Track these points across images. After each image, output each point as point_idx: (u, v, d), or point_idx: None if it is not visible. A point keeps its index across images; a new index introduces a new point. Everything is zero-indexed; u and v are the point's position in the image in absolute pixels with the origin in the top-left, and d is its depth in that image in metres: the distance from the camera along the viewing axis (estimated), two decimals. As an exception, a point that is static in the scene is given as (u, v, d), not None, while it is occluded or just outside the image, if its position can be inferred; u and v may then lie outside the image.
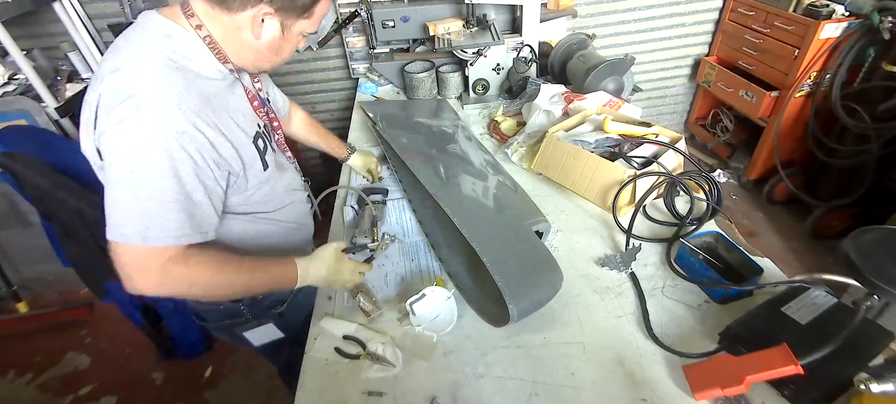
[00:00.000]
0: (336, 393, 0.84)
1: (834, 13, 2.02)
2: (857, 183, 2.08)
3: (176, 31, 0.75)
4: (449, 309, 0.96)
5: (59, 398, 1.90)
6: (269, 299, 1.02)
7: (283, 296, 1.04)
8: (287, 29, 0.80)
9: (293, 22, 0.80)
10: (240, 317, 1.01)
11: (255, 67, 0.86)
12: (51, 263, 1.86)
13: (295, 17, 0.80)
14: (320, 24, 0.88)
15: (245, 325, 1.03)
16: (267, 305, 1.02)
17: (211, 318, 1.03)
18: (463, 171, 1.28)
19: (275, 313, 1.04)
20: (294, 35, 0.83)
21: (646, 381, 0.82)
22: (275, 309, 1.04)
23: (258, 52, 0.82)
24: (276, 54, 0.84)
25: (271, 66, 0.87)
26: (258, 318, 1.02)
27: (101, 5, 2.19)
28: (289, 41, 0.83)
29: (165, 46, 0.73)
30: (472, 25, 1.92)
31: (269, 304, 1.02)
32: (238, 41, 0.79)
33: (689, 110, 3.04)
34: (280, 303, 1.04)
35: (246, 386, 1.89)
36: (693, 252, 1.00)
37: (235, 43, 0.79)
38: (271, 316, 1.04)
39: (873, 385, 0.65)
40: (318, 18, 0.84)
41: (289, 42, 0.83)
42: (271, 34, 0.79)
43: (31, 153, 1.40)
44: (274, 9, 0.76)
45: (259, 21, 0.76)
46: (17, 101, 1.83)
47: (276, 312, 1.04)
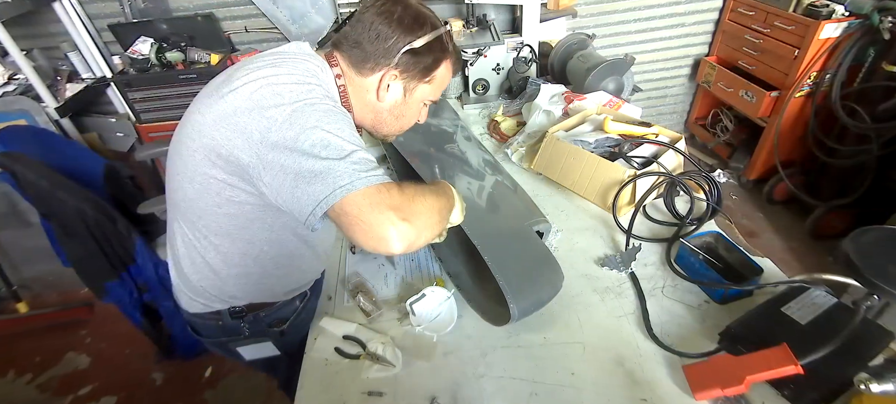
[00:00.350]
0: (336, 393, 0.84)
1: (834, 13, 2.02)
2: (857, 183, 2.08)
3: (325, 68, 0.80)
4: (449, 309, 0.96)
5: (59, 398, 1.90)
6: (271, 317, 0.97)
7: (285, 315, 0.99)
8: (409, 92, 0.85)
9: (415, 85, 0.85)
10: (238, 334, 0.97)
11: (375, 129, 0.90)
12: (51, 263, 1.86)
13: (417, 81, 0.84)
14: (440, 92, 0.91)
15: (242, 342, 0.99)
16: (268, 323, 0.98)
17: (207, 333, 0.98)
18: (462, 171, 1.28)
19: (276, 331, 0.99)
20: (415, 100, 0.87)
21: (646, 381, 0.82)
22: (276, 327, 0.99)
23: (378, 115, 0.86)
24: (396, 119, 0.88)
25: (392, 130, 0.91)
26: (256, 336, 0.98)
27: (101, 5, 2.19)
28: (409, 106, 0.87)
29: (316, 71, 0.77)
30: (472, 25, 1.93)
31: (270, 322, 0.98)
32: (363, 101, 0.84)
33: (689, 110, 3.04)
34: (282, 321, 0.99)
35: (246, 386, 1.89)
36: (693, 252, 1.00)
37: (360, 102, 0.85)
38: (271, 335, 0.99)
39: (873, 385, 0.65)
40: (440, 86, 0.88)
41: (409, 107, 0.87)
42: (394, 98, 0.85)
43: (31, 153, 1.40)
44: (398, 72, 0.82)
45: (385, 85, 0.82)
46: (17, 101, 1.84)
47: (278, 330, 0.99)
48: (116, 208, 1.48)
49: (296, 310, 1.00)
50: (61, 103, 1.91)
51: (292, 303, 0.99)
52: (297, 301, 1.00)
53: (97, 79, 2.20)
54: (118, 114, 2.32)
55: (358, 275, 1.09)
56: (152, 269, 1.62)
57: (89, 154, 1.67)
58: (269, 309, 0.95)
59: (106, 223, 1.46)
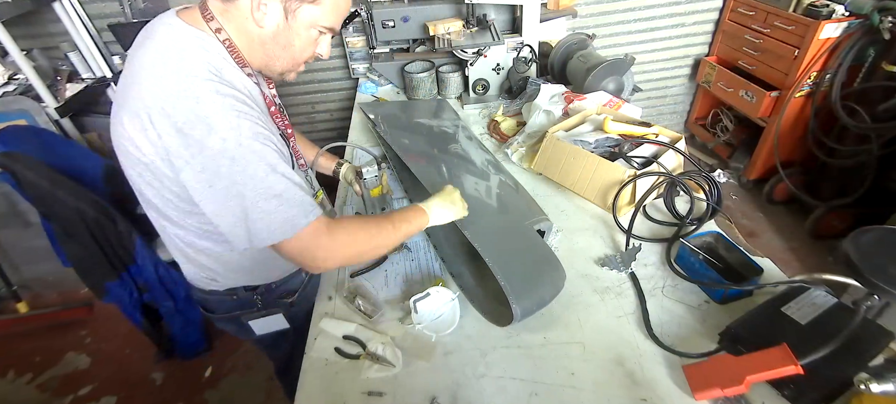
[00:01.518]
0: (336, 393, 0.84)
1: (834, 13, 2.02)
2: (857, 183, 2.08)
3: (207, 42, 0.72)
4: (451, 311, 0.96)
5: (59, 398, 1.90)
6: (281, 289, 1.03)
7: (294, 287, 1.06)
8: (291, 14, 0.74)
9: (296, 5, 0.73)
10: (252, 306, 1.01)
11: (268, 68, 0.80)
12: (51, 263, 1.87)
13: (298, 0, 0.73)
14: (340, 18, 0.80)
15: (254, 314, 1.03)
16: (279, 294, 1.03)
17: (220, 309, 1.02)
18: (464, 171, 1.29)
19: (285, 303, 1.04)
20: (301, 24, 0.75)
21: (646, 381, 0.82)
22: (286, 299, 1.04)
23: (264, 46, 0.76)
24: (284, 48, 0.77)
25: (285, 65, 0.80)
26: (268, 307, 1.03)
27: (101, 5, 2.19)
28: (296, 33, 0.76)
29: (204, 61, 0.69)
30: (472, 25, 1.92)
31: (280, 294, 1.03)
32: (248, 36, 0.75)
33: (689, 110, 3.04)
34: (291, 292, 1.05)
35: (246, 386, 1.89)
36: (693, 252, 1.00)
37: (245, 39, 0.75)
38: (282, 306, 1.04)
39: (873, 385, 0.65)
40: (333, 8, 0.77)
41: (297, 34, 0.76)
42: (274, 22, 0.74)
43: (31, 153, 1.41)
44: None
45: (260, 3, 0.71)
46: (17, 101, 1.83)
47: (287, 302, 1.04)
48: (116, 208, 1.48)
49: (302, 282, 1.07)
50: (61, 103, 1.91)
51: (298, 276, 1.06)
52: (302, 273, 1.07)
53: (97, 79, 2.19)
54: (118, 115, 2.31)
55: (357, 275, 1.09)
56: (152, 269, 1.62)
57: (89, 154, 1.67)
58: (278, 281, 1.02)
59: (106, 223, 1.46)
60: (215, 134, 0.65)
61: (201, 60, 0.69)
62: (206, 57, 0.70)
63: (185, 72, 0.67)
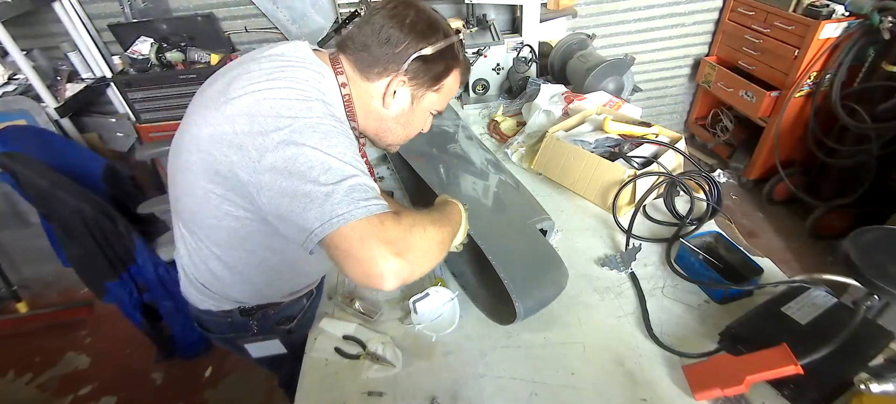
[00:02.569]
0: (336, 393, 0.84)
1: (834, 13, 2.02)
2: (857, 183, 2.08)
3: (327, 75, 0.75)
4: (451, 311, 0.96)
5: (59, 398, 1.90)
6: (279, 315, 0.98)
7: (293, 313, 1.00)
8: (416, 101, 0.82)
9: (423, 93, 0.82)
10: (247, 331, 0.97)
11: (379, 139, 0.87)
12: (51, 263, 1.87)
13: (425, 89, 0.81)
14: (447, 102, 0.89)
15: (250, 339, 1.00)
16: (276, 321, 0.99)
17: (215, 330, 0.99)
18: (465, 171, 1.28)
19: (283, 330, 1.00)
20: (422, 108, 0.84)
21: (646, 381, 0.82)
22: (284, 326, 1.00)
23: (383, 123, 0.83)
24: (402, 127, 0.85)
25: (396, 140, 0.87)
26: (265, 334, 0.99)
27: (101, 5, 2.19)
28: (416, 115, 0.84)
29: (318, 84, 0.72)
30: (472, 25, 1.93)
31: (278, 320, 0.99)
32: (367, 108, 0.81)
33: (689, 110, 3.04)
34: (289, 319, 1.00)
35: (246, 386, 1.89)
36: (693, 252, 1.00)
37: (364, 109, 0.81)
38: (279, 333, 1.00)
39: (873, 385, 0.65)
40: (447, 95, 0.86)
41: (415, 116, 0.84)
42: (401, 106, 0.81)
43: (31, 153, 1.41)
44: (407, 79, 0.78)
45: (392, 92, 0.79)
46: (17, 101, 1.84)
47: (285, 329, 1.00)
48: (116, 208, 1.48)
49: (303, 309, 1.02)
50: (61, 103, 1.91)
51: (299, 302, 1.01)
52: (304, 299, 1.02)
53: (97, 79, 2.20)
54: (118, 114, 2.32)
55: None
56: (152, 269, 1.62)
57: (89, 154, 1.67)
58: (277, 308, 0.97)
59: (106, 223, 1.46)
60: (312, 111, 0.65)
61: (315, 81, 0.71)
62: (321, 82, 0.73)
63: (293, 83, 0.68)
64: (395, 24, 0.76)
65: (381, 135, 0.86)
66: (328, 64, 0.78)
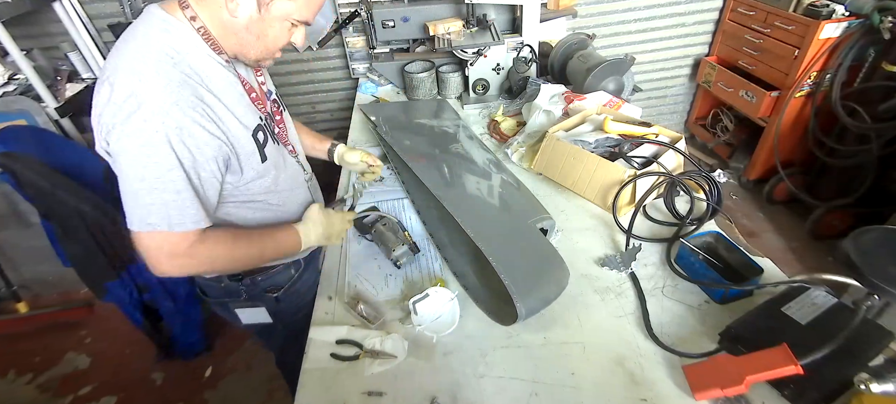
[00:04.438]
0: (336, 394, 0.84)
1: (834, 13, 2.02)
2: (857, 183, 2.08)
3: (173, 25, 0.75)
4: (451, 311, 0.96)
5: (59, 398, 1.90)
6: (267, 282, 1.03)
7: (280, 282, 1.06)
8: (264, 6, 0.75)
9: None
10: (238, 295, 1.03)
11: (242, 55, 0.81)
12: (51, 263, 1.86)
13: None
14: (313, 12, 0.81)
15: (240, 303, 1.05)
16: (264, 288, 1.04)
17: (212, 294, 1.05)
18: (466, 171, 1.29)
19: (271, 297, 1.05)
20: (274, 17, 0.77)
21: (646, 381, 0.82)
22: (271, 293, 1.05)
23: (238, 34, 0.78)
24: (258, 39, 0.79)
25: (259, 54, 0.81)
26: (253, 300, 1.05)
27: (101, 5, 2.19)
28: (270, 24, 0.77)
29: (163, 42, 0.73)
30: (472, 25, 1.92)
31: (266, 287, 1.04)
32: (221, 24, 0.77)
33: (689, 110, 3.04)
34: (277, 287, 1.06)
35: (246, 387, 1.89)
36: (693, 252, 1.00)
37: (220, 26, 0.77)
38: (266, 300, 1.06)
39: (873, 385, 0.65)
40: (306, 4, 0.78)
41: (270, 25, 0.78)
42: (247, 12, 0.75)
43: (31, 153, 1.41)
44: None
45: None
46: (17, 101, 1.83)
47: (272, 297, 1.06)
48: (116, 208, 1.48)
49: (291, 278, 1.07)
50: (61, 103, 1.91)
51: (286, 271, 1.06)
52: (291, 269, 1.07)
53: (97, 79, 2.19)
54: (118, 114, 2.31)
55: (358, 276, 1.09)
56: (152, 269, 1.61)
57: (89, 154, 1.67)
58: (265, 274, 1.02)
59: (106, 223, 1.46)
60: (141, 112, 0.68)
61: (159, 42, 0.73)
62: (166, 39, 0.73)
63: (139, 51, 0.72)
64: None
65: (243, 50, 0.80)
66: (172, 11, 0.75)
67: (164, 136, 0.69)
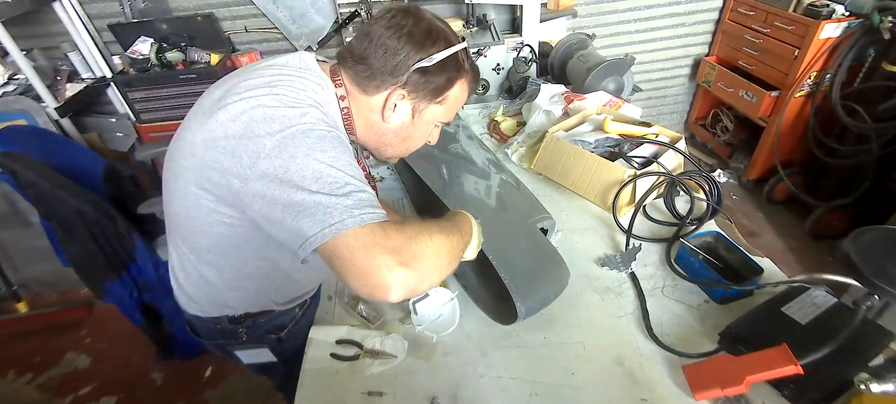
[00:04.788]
0: (336, 394, 0.84)
1: (834, 13, 2.02)
2: (857, 183, 2.08)
3: (327, 87, 0.74)
4: (451, 311, 0.96)
5: (59, 398, 1.90)
6: (269, 324, 0.96)
7: (284, 322, 0.98)
8: (418, 114, 0.78)
9: (425, 106, 0.78)
10: (235, 338, 0.96)
11: (379, 152, 0.84)
12: (51, 263, 1.86)
13: (427, 101, 0.78)
14: (454, 113, 0.84)
15: (239, 346, 0.99)
16: (266, 329, 0.97)
17: (206, 335, 0.98)
18: (466, 171, 1.28)
19: (273, 338, 0.99)
20: (424, 122, 0.80)
21: (646, 381, 0.82)
22: (274, 334, 0.98)
23: (383, 136, 0.80)
24: (402, 142, 0.82)
25: (394, 153, 0.84)
26: (254, 342, 0.98)
27: (101, 5, 2.19)
28: (418, 128, 0.80)
29: (314, 92, 0.71)
30: (472, 25, 1.93)
31: (268, 329, 0.97)
32: (367, 122, 0.79)
33: (689, 110, 3.04)
34: (280, 328, 0.98)
35: (246, 387, 1.89)
36: (693, 252, 1.00)
37: (363, 123, 0.79)
38: (269, 342, 0.99)
39: (873, 385, 0.65)
40: (453, 106, 0.81)
41: (418, 129, 0.81)
42: (401, 120, 0.78)
43: (31, 153, 1.40)
44: (407, 92, 0.75)
45: (392, 105, 0.76)
46: (17, 101, 1.83)
47: (275, 337, 0.99)
48: (116, 208, 1.48)
49: (295, 318, 1.00)
50: (61, 103, 1.91)
51: (291, 311, 0.99)
52: (296, 309, 1.00)
53: (97, 79, 2.20)
54: (118, 114, 2.32)
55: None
56: (152, 269, 1.62)
57: (89, 154, 1.67)
58: (267, 317, 0.95)
59: (106, 223, 1.46)
60: (305, 117, 0.63)
61: (314, 94, 0.70)
62: (320, 93, 0.71)
63: (294, 94, 0.67)
64: (393, 35, 0.73)
65: (381, 148, 0.83)
66: (328, 75, 0.77)
67: (327, 134, 0.64)
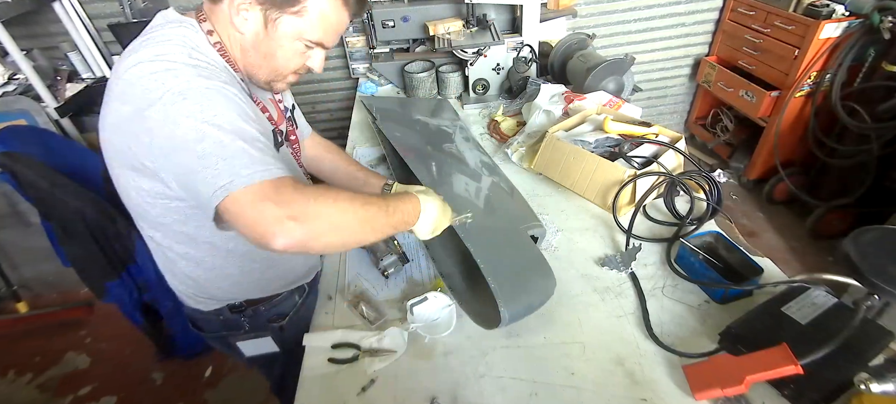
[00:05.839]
0: (337, 395, 0.84)
1: (834, 13, 2.02)
2: (857, 183, 2.08)
3: (192, 27, 0.71)
4: (448, 316, 0.96)
5: (59, 398, 1.90)
6: (270, 312, 0.97)
7: (284, 310, 0.99)
8: (271, 24, 0.70)
9: (277, 15, 0.70)
10: (238, 329, 0.97)
11: (251, 75, 0.77)
12: (51, 263, 1.87)
13: (277, 9, 0.69)
14: (329, 35, 0.75)
15: (242, 336, 0.99)
16: (268, 318, 0.97)
17: (208, 328, 0.99)
18: (456, 170, 1.27)
19: (275, 326, 0.99)
20: (283, 36, 0.71)
21: (646, 381, 0.82)
22: (276, 322, 0.99)
23: (246, 54, 0.73)
24: (265, 59, 0.74)
25: (266, 74, 0.76)
26: (257, 331, 0.98)
27: (101, 5, 2.19)
28: (278, 43, 0.72)
29: (184, 37, 0.68)
30: (472, 25, 1.93)
31: (270, 317, 0.98)
32: (234, 42, 0.73)
33: (689, 110, 3.04)
34: (281, 316, 0.99)
35: (246, 387, 1.89)
36: (693, 252, 1.00)
37: (233, 44, 0.73)
38: (271, 330, 1.00)
39: (873, 385, 0.65)
40: (321, 22, 0.72)
41: (278, 44, 0.72)
42: (253, 29, 0.71)
43: (31, 153, 1.40)
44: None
45: (236, 9, 0.69)
46: (17, 101, 1.83)
47: (277, 326, 0.99)
48: (116, 208, 1.48)
49: (295, 305, 1.01)
50: (61, 103, 1.91)
51: (291, 298, 1.00)
52: (296, 295, 1.00)
53: (97, 79, 2.19)
54: (118, 114, 2.32)
55: (358, 276, 1.09)
56: (152, 269, 1.60)
57: (89, 154, 1.67)
58: (268, 304, 0.96)
59: (106, 223, 1.46)
60: (178, 77, 0.62)
61: (182, 37, 0.68)
62: (190, 35, 0.69)
63: (164, 51, 0.65)
64: None
65: (250, 70, 0.76)
66: (195, 17, 0.72)
67: (215, 91, 0.62)
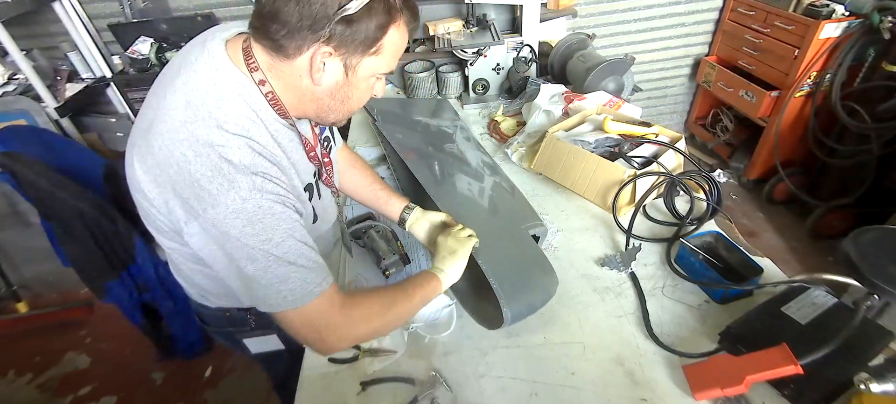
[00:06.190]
0: (337, 394, 0.84)
1: (834, 13, 2.02)
2: (857, 183, 2.08)
3: (247, 89, 0.67)
4: (448, 316, 0.96)
5: (59, 398, 1.90)
6: None
7: None
8: (351, 70, 0.68)
9: (358, 60, 0.68)
10: (244, 326, 0.97)
11: (320, 119, 0.76)
12: (51, 263, 1.86)
13: (359, 55, 0.67)
14: (396, 60, 0.73)
15: (248, 333, 1.00)
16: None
17: (213, 323, 0.99)
18: (458, 171, 1.28)
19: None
20: (361, 77, 0.70)
21: (646, 381, 0.82)
22: None
23: (320, 102, 0.71)
24: (342, 104, 0.73)
25: (339, 117, 0.76)
26: (263, 328, 0.99)
27: (101, 5, 2.19)
28: (355, 86, 0.71)
29: (240, 95, 0.66)
30: (472, 25, 1.93)
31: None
32: (298, 92, 0.70)
33: (689, 110, 3.04)
34: None
35: (246, 387, 1.89)
36: (693, 252, 1.00)
37: (295, 94, 0.70)
38: (276, 328, 1.00)
39: (873, 384, 0.65)
40: (393, 54, 0.71)
41: (356, 87, 0.71)
42: (333, 79, 0.68)
43: (31, 153, 1.40)
44: (333, 47, 0.64)
45: (319, 65, 0.66)
46: (17, 101, 1.83)
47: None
48: (116, 208, 1.48)
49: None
50: (61, 103, 1.91)
51: None
52: None
53: (97, 79, 2.19)
54: (118, 115, 2.32)
55: (359, 276, 1.09)
56: (152, 269, 1.62)
57: (89, 154, 1.67)
58: None
59: (106, 223, 1.46)
60: (234, 191, 0.60)
61: (241, 106, 0.65)
62: (243, 110, 0.66)
63: (216, 121, 0.62)
64: None
65: (322, 114, 0.74)
66: (242, 58, 0.67)
67: (267, 207, 0.63)
